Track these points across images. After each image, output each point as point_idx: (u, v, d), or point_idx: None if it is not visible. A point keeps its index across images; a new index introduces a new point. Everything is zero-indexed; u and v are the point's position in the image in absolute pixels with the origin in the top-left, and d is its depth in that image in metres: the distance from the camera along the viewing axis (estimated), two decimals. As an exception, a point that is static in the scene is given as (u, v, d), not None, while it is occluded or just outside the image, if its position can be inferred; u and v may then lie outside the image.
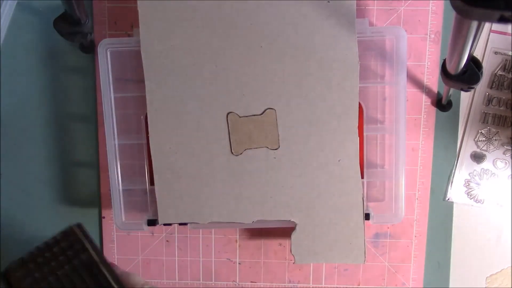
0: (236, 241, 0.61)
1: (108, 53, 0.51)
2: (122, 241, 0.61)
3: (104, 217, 0.61)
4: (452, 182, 0.58)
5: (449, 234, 0.59)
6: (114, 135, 0.53)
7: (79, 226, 0.42)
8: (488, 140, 0.57)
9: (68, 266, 0.41)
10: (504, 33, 0.56)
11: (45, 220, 0.61)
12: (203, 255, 0.61)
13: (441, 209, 0.59)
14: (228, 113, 0.50)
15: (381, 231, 0.59)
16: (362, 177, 0.52)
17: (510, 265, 0.59)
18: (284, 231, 0.60)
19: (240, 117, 0.50)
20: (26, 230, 0.61)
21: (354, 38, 0.49)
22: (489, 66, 0.56)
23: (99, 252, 0.42)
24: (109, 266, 0.41)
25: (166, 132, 0.51)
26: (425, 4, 0.56)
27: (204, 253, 0.61)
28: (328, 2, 0.48)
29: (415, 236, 0.59)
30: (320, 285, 0.61)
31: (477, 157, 0.58)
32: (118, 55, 0.52)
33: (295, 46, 0.49)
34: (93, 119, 0.59)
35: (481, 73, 0.46)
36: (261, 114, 0.50)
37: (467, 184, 0.58)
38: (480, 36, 0.38)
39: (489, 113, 0.57)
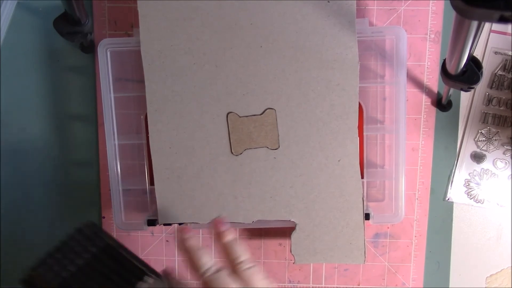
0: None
1: (108, 53, 0.51)
2: (122, 241, 0.61)
3: (104, 217, 0.61)
4: (452, 182, 0.58)
5: (449, 234, 0.59)
6: (114, 135, 0.53)
7: (91, 222, 0.44)
8: (488, 140, 0.57)
9: (87, 254, 0.41)
10: (504, 33, 0.56)
11: (45, 220, 0.61)
12: (203, 255, 0.61)
13: (441, 209, 0.59)
14: (228, 113, 0.50)
15: (381, 231, 0.59)
16: (362, 177, 0.51)
17: (510, 265, 0.59)
18: (284, 231, 0.60)
19: (240, 117, 0.50)
20: (26, 230, 0.61)
21: (354, 38, 0.49)
22: (489, 66, 0.56)
23: (115, 239, 0.43)
24: (128, 249, 0.42)
25: (166, 132, 0.51)
26: (425, 4, 0.56)
27: (204, 253, 0.61)
28: (328, 2, 0.48)
29: (415, 236, 0.59)
30: (320, 285, 0.61)
31: (477, 157, 0.58)
32: (118, 55, 0.52)
33: (295, 46, 0.49)
34: (93, 119, 0.59)
35: (481, 73, 0.46)
36: (261, 114, 0.50)
37: (467, 184, 0.58)
38: (480, 36, 0.38)
39: (489, 113, 0.57)
